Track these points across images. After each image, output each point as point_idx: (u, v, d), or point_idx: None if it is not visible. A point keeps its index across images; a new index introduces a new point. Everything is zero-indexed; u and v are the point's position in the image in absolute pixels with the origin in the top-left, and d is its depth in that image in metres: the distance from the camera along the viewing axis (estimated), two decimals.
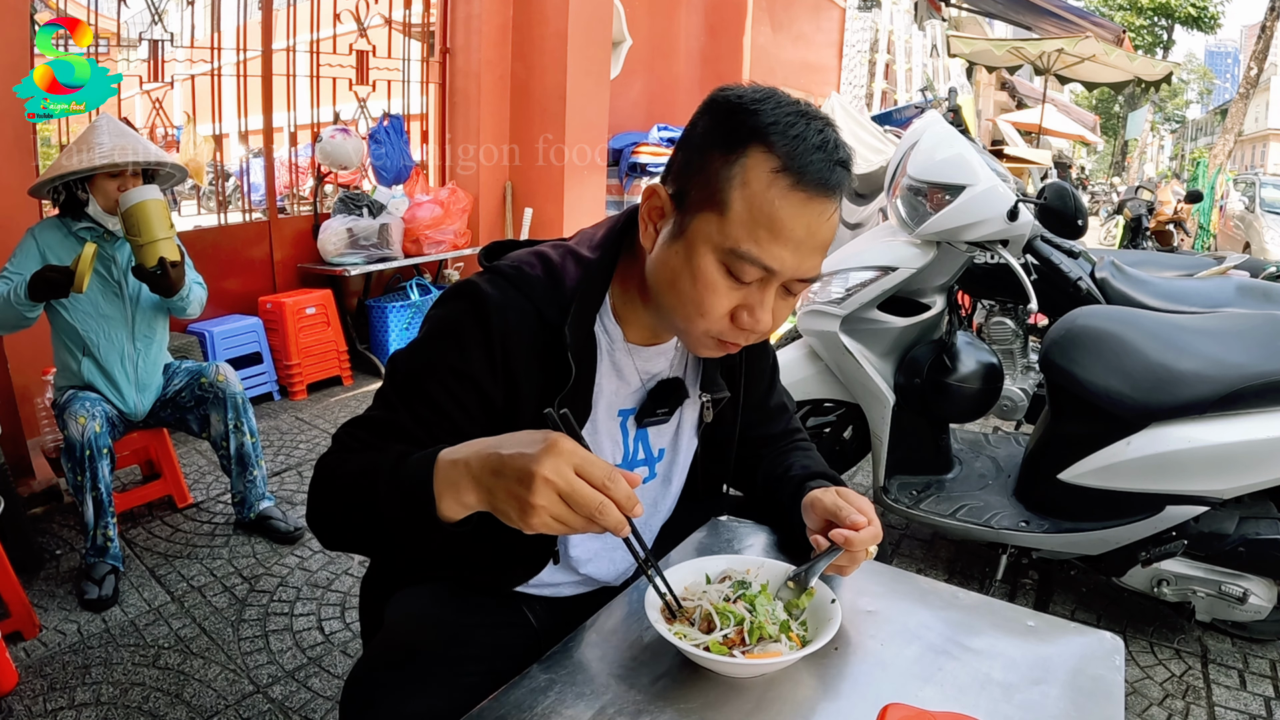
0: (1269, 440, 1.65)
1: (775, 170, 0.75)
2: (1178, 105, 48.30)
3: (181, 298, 2.16)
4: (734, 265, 0.77)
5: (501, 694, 0.73)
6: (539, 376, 0.85)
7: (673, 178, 0.82)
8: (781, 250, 0.76)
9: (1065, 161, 14.83)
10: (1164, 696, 1.77)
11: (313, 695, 1.72)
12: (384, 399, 0.86)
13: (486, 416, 0.85)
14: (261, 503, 2.39)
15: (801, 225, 0.76)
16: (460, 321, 0.84)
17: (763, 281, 0.79)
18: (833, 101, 4.49)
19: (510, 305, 0.84)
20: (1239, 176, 12.16)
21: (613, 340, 0.91)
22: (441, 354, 0.84)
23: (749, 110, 0.77)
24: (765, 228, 0.75)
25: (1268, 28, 14.89)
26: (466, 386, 0.83)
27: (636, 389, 0.95)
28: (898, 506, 2.14)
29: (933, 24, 10.32)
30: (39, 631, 1.91)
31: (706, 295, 0.79)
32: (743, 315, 0.80)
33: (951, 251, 2.11)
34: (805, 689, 0.75)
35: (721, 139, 0.77)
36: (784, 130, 0.75)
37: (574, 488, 0.64)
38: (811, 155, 0.75)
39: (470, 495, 0.69)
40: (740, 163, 0.76)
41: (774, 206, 0.75)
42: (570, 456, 0.65)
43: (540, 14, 4.48)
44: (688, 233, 0.79)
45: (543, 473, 0.64)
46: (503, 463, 0.66)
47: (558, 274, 0.87)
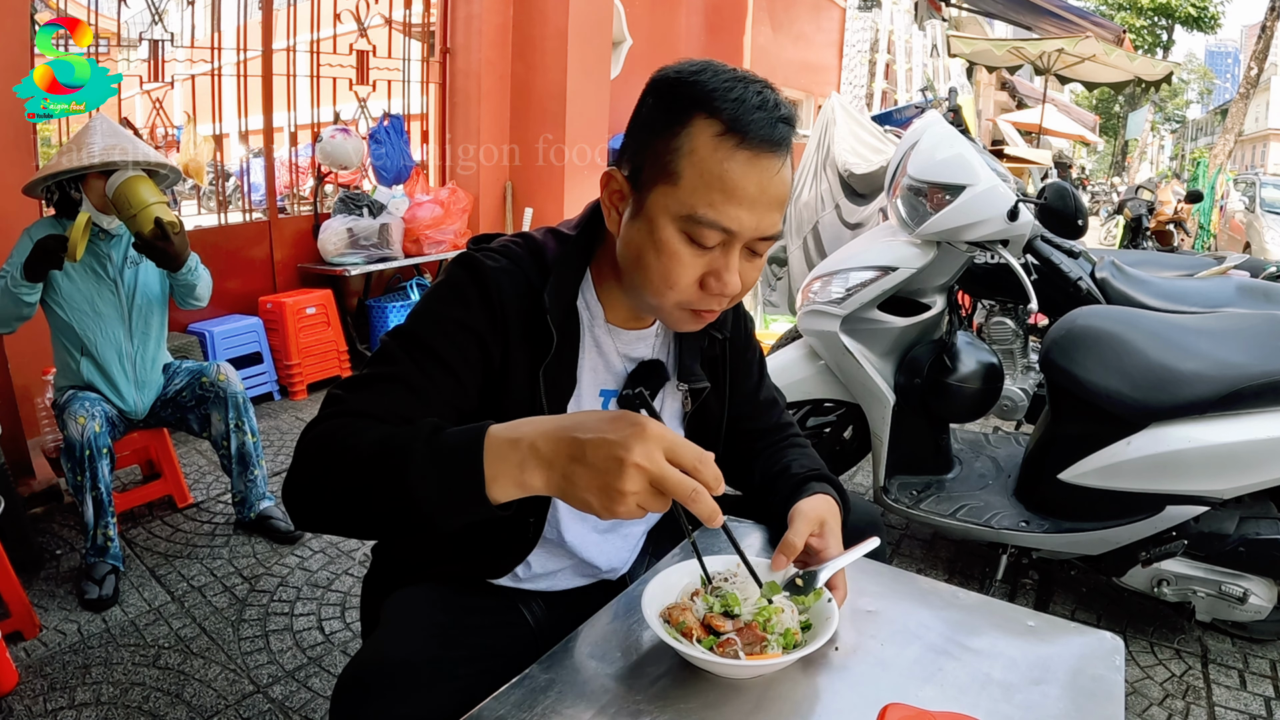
0: (1269, 440, 1.65)
1: (719, 134, 0.77)
2: (1178, 105, 48.29)
3: (190, 270, 2.14)
4: (694, 231, 0.79)
5: (501, 694, 0.73)
6: (527, 344, 0.87)
7: (627, 160, 0.84)
8: (737, 210, 0.78)
9: (1065, 161, 14.83)
10: (1164, 696, 1.77)
11: (313, 695, 1.72)
12: (384, 356, 0.83)
13: (484, 374, 0.86)
14: (262, 502, 2.39)
15: (753, 183, 0.77)
16: (461, 283, 0.87)
17: (725, 245, 0.80)
18: (833, 101, 4.48)
19: (504, 271, 0.87)
20: (1239, 176, 12.16)
21: (594, 317, 0.93)
22: (446, 309, 0.86)
23: (688, 82, 0.79)
24: (718, 190, 0.77)
25: (1268, 28, 14.89)
26: (470, 340, 0.85)
27: (618, 371, 0.96)
28: (898, 506, 2.14)
29: (933, 24, 10.32)
30: (39, 631, 1.91)
31: (672, 266, 0.80)
32: (710, 281, 0.82)
33: (951, 251, 2.11)
34: (805, 689, 0.75)
35: (665, 113, 0.80)
36: (724, 95, 0.77)
37: (666, 474, 0.62)
38: (753, 115, 0.77)
39: (537, 478, 0.65)
40: (686, 133, 0.78)
41: (723, 168, 0.77)
42: (660, 440, 0.63)
43: (540, 14, 4.48)
44: (646, 208, 0.81)
45: (635, 459, 0.61)
46: (584, 448, 0.63)
47: (540, 248, 0.91)
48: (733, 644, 0.74)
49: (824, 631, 0.76)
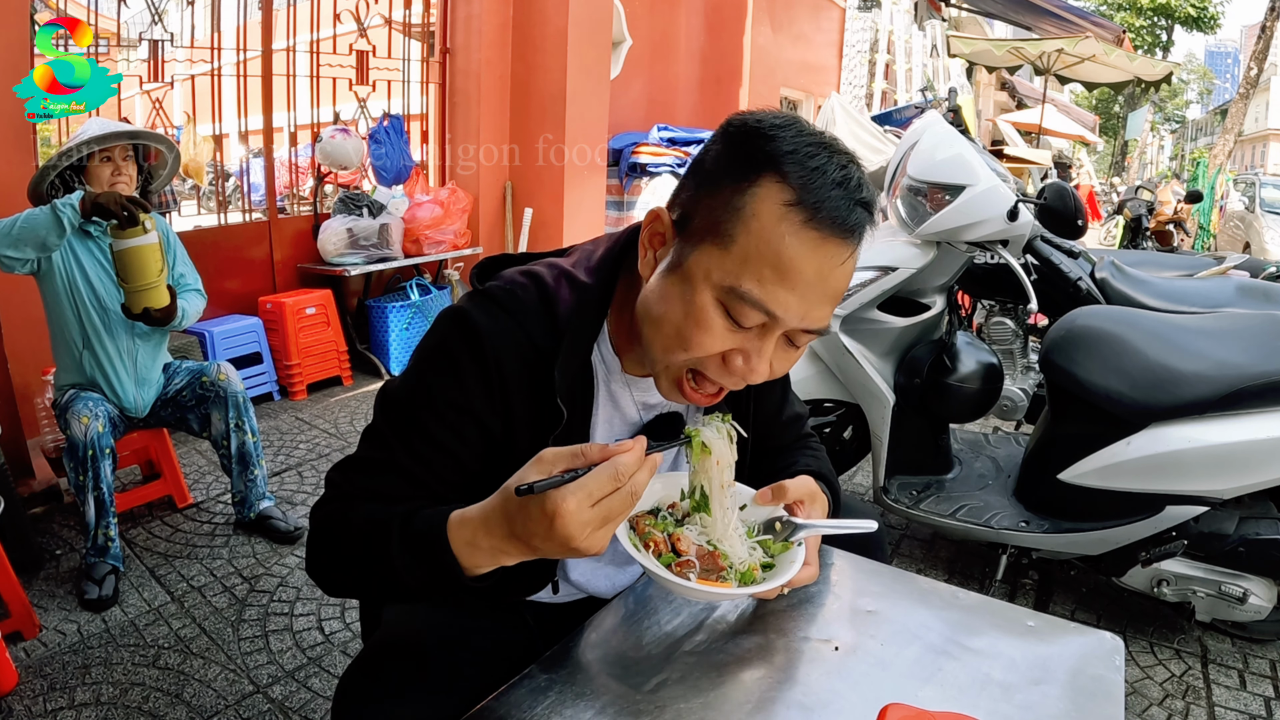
0: (1269, 440, 1.65)
1: (788, 203, 0.68)
2: (1178, 105, 48.29)
3: (173, 326, 2.21)
4: (734, 306, 0.71)
5: (501, 694, 0.73)
6: (532, 410, 0.81)
7: (678, 203, 0.76)
8: (787, 294, 0.69)
9: (1065, 161, 14.82)
10: (1164, 696, 1.77)
11: (313, 695, 1.72)
12: (378, 437, 0.82)
13: (486, 447, 0.82)
14: (262, 502, 2.39)
15: (812, 268, 0.69)
16: (455, 353, 0.79)
17: (764, 328, 0.72)
18: (833, 101, 4.49)
19: (503, 333, 0.79)
20: (1239, 176, 12.17)
21: (610, 370, 0.86)
22: (440, 388, 0.79)
23: (765, 135, 0.71)
24: (771, 266, 0.69)
25: (1268, 28, 14.89)
26: (466, 420, 0.80)
27: (634, 421, 0.90)
28: (898, 506, 2.14)
29: (933, 24, 10.32)
30: (39, 631, 1.91)
31: (697, 332, 0.72)
32: (736, 359, 0.73)
33: (951, 251, 2.11)
34: (805, 689, 0.75)
35: (732, 165, 0.72)
36: (802, 160, 0.69)
37: (609, 513, 0.64)
38: (830, 191, 0.69)
39: (509, 559, 0.69)
40: (750, 192, 0.69)
41: (783, 243, 0.68)
42: (582, 503, 0.62)
43: (540, 14, 4.48)
44: (687, 264, 0.73)
45: (575, 534, 0.63)
46: (534, 547, 0.66)
47: (551, 299, 0.81)
48: (690, 566, 0.76)
49: (779, 576, 0.78)
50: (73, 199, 1.96)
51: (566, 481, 0.62)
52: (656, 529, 0.79)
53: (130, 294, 2.05)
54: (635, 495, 0.64)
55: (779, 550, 0.83)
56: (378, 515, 0.75)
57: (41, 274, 2.08)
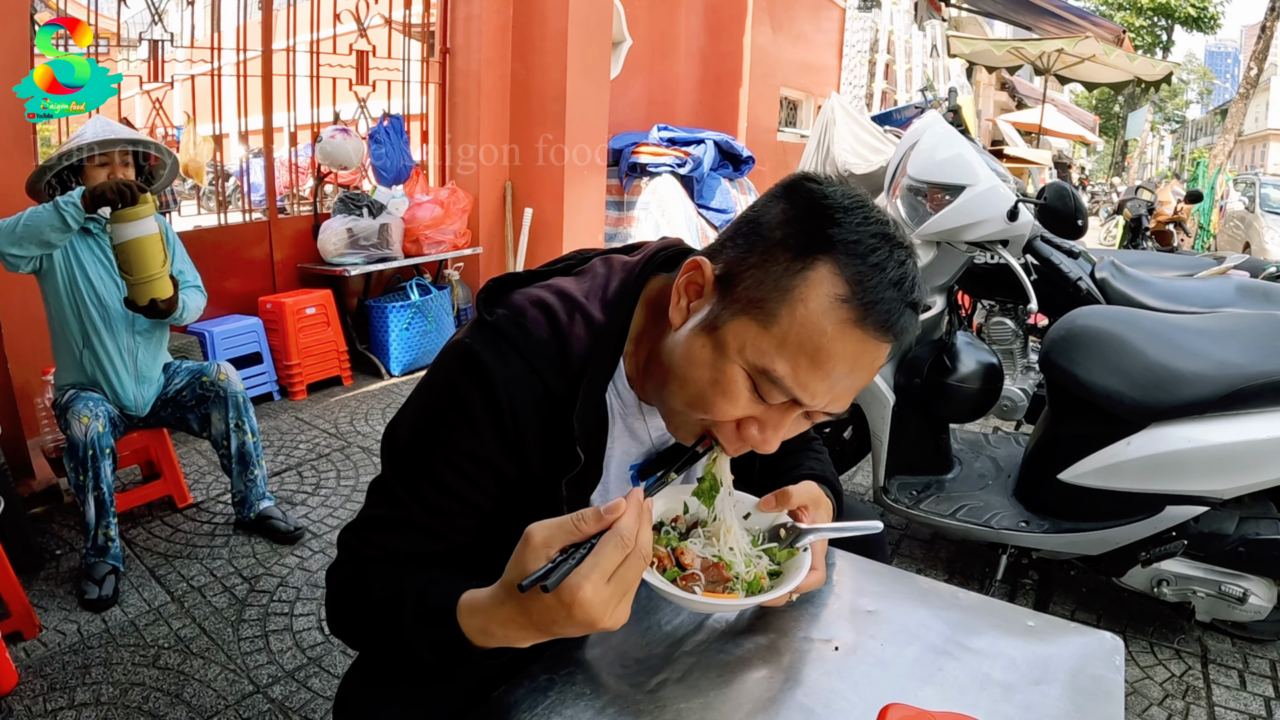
0: (1269, 440, 1.65)
1: (840, 298, 0.67)
2: (1178, 105, 48.30)
3: (175, 317, 2.19)
4: (762, 384, 0.70)
5: (502, 694, 0.73)
6: (547, 453, 0.79)
7: (723, 259, 0.74)
8: (818, 384, 0.69)
9: (1065, 161, 14.83)
10: (1164, 696, 1.77)
11: (313, 695, 1.72)
12: (388, 493, 0.80)
13: (501, 491, 0.81)
14: (262, 502, 2.39)
15: (847, 362, 0.68)
16: (467, 400, 0.76)
17: (786, 406, 0.72)
18: (833, 101, 4.48)
19: (516, 379, 0.76)
20: (1239, 176, 12.17)
21: (625, 405, 0.85)
22: (454, 439, 0.77)
23: (829, 215, 0.68)
24: (809, 356, 0.68)
25: (1268, 28, 14.88)
26: (483, 468, 0.78)
27: (649, 447, 0.90)
28: (898, 506, 2.14)
29: (933, 24, 10.31)
30: (39, 631, 1.91)
31: (721, 400, 0.72)
32: (751, 430, 0.74)
33: (951, 251, 2.11)
34: (805, 689, 0.75)
35: (789, 238, 0.69)
36: (863, 252, 0.67)
37: (626, 584, 0.62)
38: (885, 292, 0.67)
39: (528, 643, 0.67)
40: (803, 275, 0.67)
41: (825, 337, 0.67)
42: (598, 586, 0.60)
43: (540, 14, 4.48)
44: (722, 331, 0.71)
45: (600, 617, 0.61)
46: (555, 633, 0.64)
47: (565, 338, 0.79)
48: (696, 579, 0.76)
49: (786, 583, 0.77)
50: (74, 196, 1.96)
51: (573, 565, 0.61)
52: (660, 544, 0.79)
53: (134, 286, 2.03)
54: (645, 556, 0.63)
55: (785, 557, 0.82)
56: (391, 592, 0.75)
57: (43, 272, 2.09)
